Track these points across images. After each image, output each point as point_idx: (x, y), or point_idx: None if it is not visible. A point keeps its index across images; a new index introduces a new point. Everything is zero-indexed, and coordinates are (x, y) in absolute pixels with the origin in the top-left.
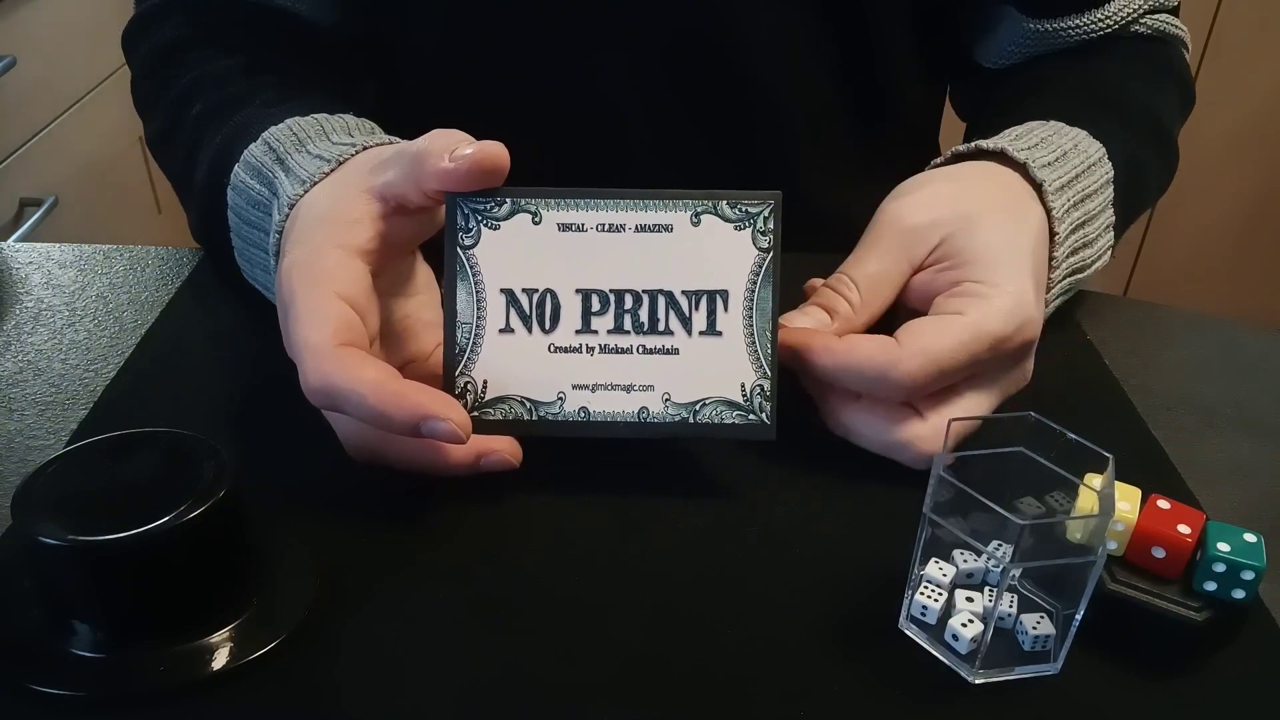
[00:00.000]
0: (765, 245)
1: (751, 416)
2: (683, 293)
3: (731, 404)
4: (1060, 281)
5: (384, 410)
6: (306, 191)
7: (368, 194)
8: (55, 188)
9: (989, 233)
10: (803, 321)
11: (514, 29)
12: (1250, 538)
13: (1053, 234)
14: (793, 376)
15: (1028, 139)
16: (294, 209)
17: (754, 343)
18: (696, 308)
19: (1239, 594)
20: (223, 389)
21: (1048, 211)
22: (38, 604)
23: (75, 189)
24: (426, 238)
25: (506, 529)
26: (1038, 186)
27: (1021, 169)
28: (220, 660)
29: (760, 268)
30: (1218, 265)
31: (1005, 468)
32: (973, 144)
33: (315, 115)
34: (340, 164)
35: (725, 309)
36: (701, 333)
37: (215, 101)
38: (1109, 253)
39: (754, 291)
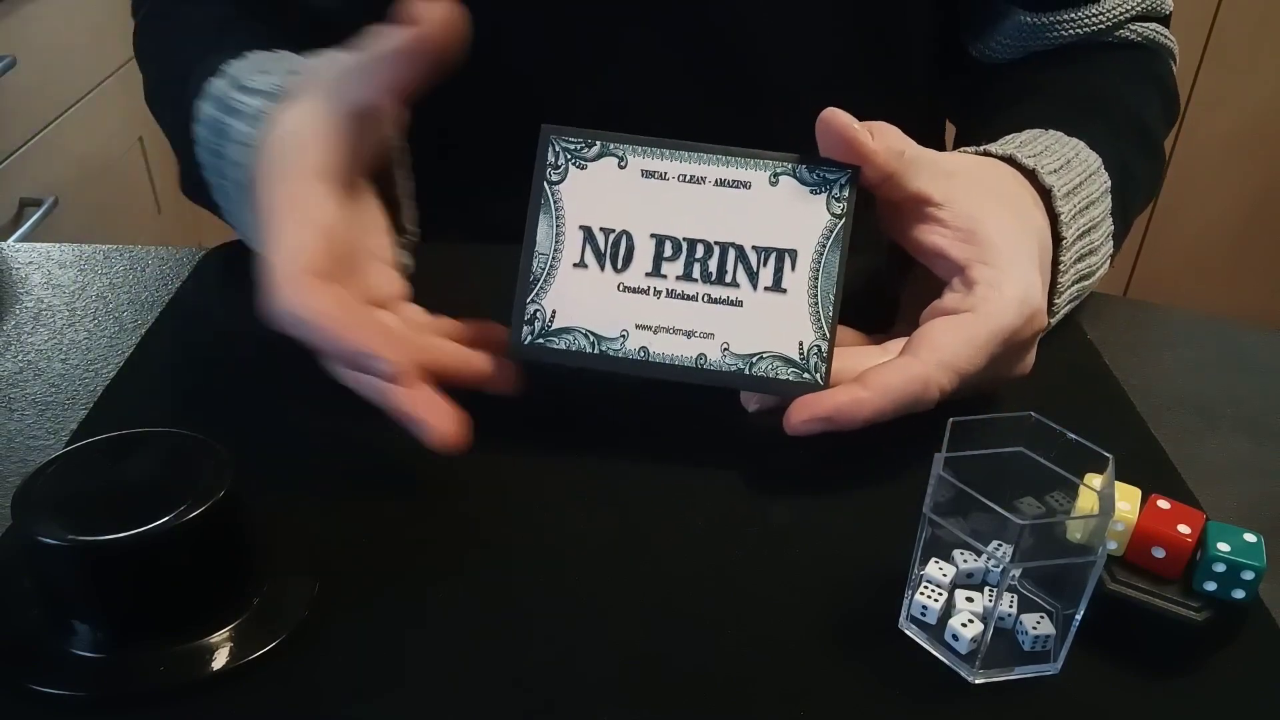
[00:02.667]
0: (839, 211)
1: (806, 375)
2: (753, 248)
3: (788, 360)
4: (1069, 288)
5: (327, 341)
6: (273, 102)
7: (331, 107)
8: (55, 188)
9: (999, 220)
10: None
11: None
12: (1250, 538)
13: (1060, 239)
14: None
15: (1033, 146)
16: (259, 133)
17: (816, 303)
18: (765, 264)
19: (1239, 594)
20: (223, 389)
21: (1055, 217)
22: (38, 604)
23: (75, 189)
24: (378, 153)
25: (507, 529)
26: (1045, 192)
27: (1030, 175)
28: (220, 660)
29: (831, 232)
30: (1218, 265)
31: (1005, 468)
32: (980, 148)
33: (277, 52)
34: (302, 73)
35: (793, 268)
36: (767, 288)
37: (198, 47)
38: (1109, 261)
39: (822, 254)
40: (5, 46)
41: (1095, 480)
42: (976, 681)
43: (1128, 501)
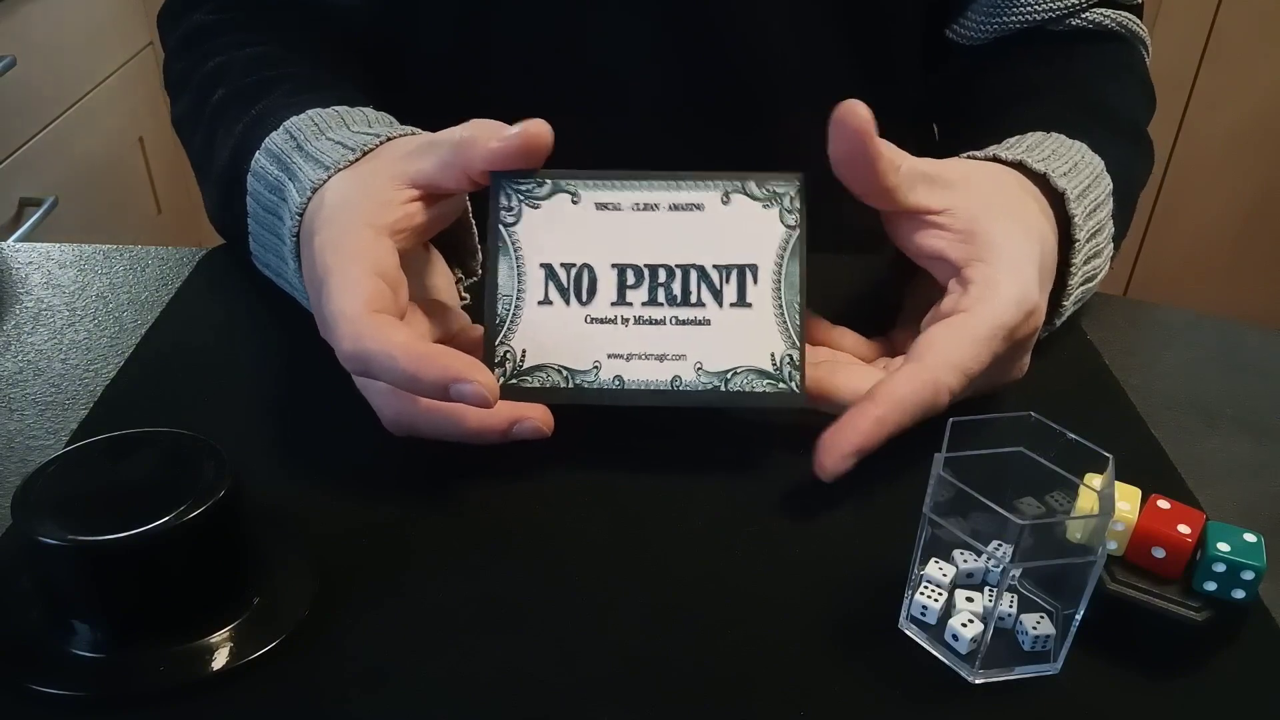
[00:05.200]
0: (792, 223)
1: (781, 385)
2: (714, 266)
3: (762, 373)
4: (1076, 290)
5: (414, 372)
6: (330, 177)
7: (397, 180)
8: (55, 188)
9: (1000, 222)
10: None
11: (524, 33)
12: (1250, 538)
13: (1074, 241)
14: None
15: (1040, 150)
16: (317, 193)
17: (783, 314)
18: (727, 280)
19: (1239, 594)
20: (223, 389)
21: (1069, 219)
22: (38, 604)
23: (75, 189)
24: (448, 221)
25: (507, 529)
26: (1058, 196)
27: (1041, 180)
28: (220, 660)
29: (788, 243)
30: (1218, 265)
31: (1005, 468)
32: (989, 153)
33: (336, 107)
34: (365, 153)
35: (755, 282)
36: (732, 304)
37: (238, 88)
38: (1110, 263)
39: (782, 266)
40: (5, 46)
41: (1095, 480)
42: (976, 681)
43: (1128, 501)
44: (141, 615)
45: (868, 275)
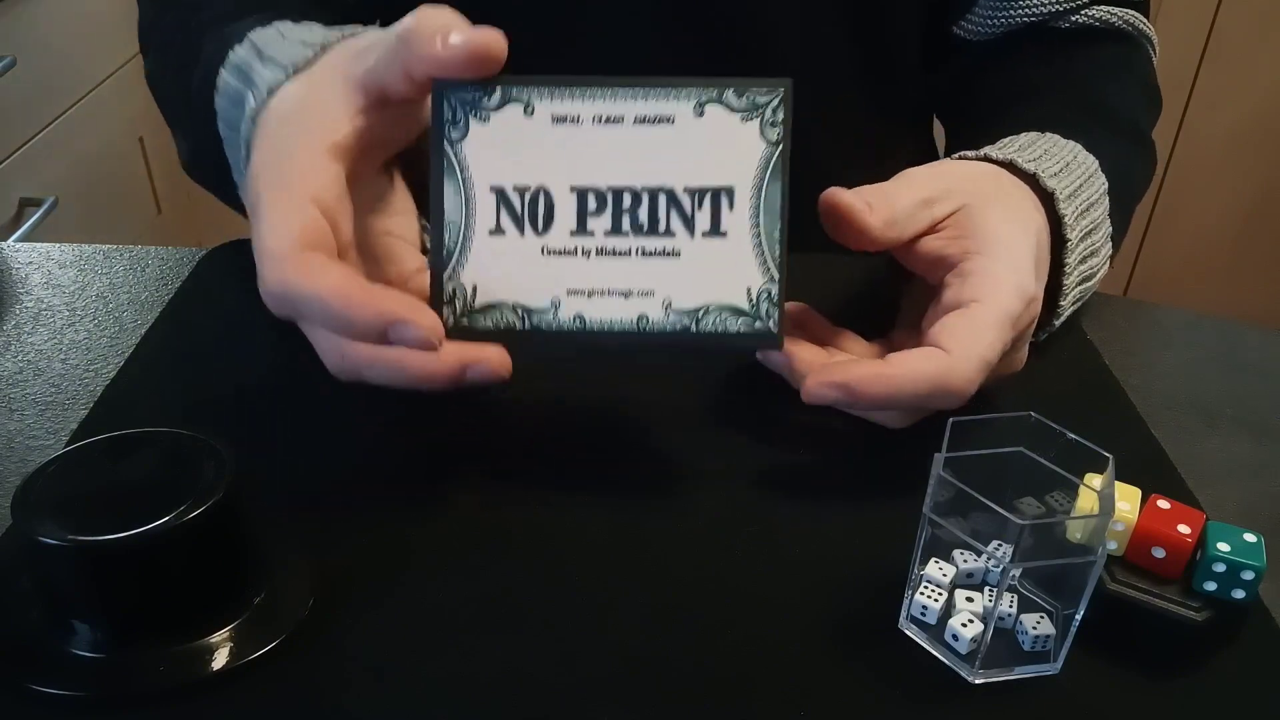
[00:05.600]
0: (775, 138)
1: (758, 324)
2: (685, 190)
3: (736, 310)
4: (1073, 289)
5: (347, 314)
6: (288, 78)
7: (346, 84)
8: (55, 188)
9: (998, 218)
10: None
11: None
12: (1250, 538)
13: (1065, 240)
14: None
15: (1031, 150)
16: (269, 101)
17: (760, 244)
18: (700, 206)
19: (1239, 594)
20: (223, 389)
21: (1059, 219)
22: (38, 604)
23: (75, 189)
24: (410, 139)
25: (506, 529)
26: (1048, 196)
27: (1031, 179)
28: (220, 660)
29: (769, 162)
30: (1218, 265)
31: (1005, 468)
32: (980, 153)
33: (307, 22)
34: (325, 49)
35: (730, 208)
36: (705, 234)
37: (216, 15)
38: (1109, 263)
39: (761, 188)
40: (5, 46)
41: (1095, 480)
42: (976, 681)
43: (1128, 501)
44: (141, 615)
45: (867, 275)
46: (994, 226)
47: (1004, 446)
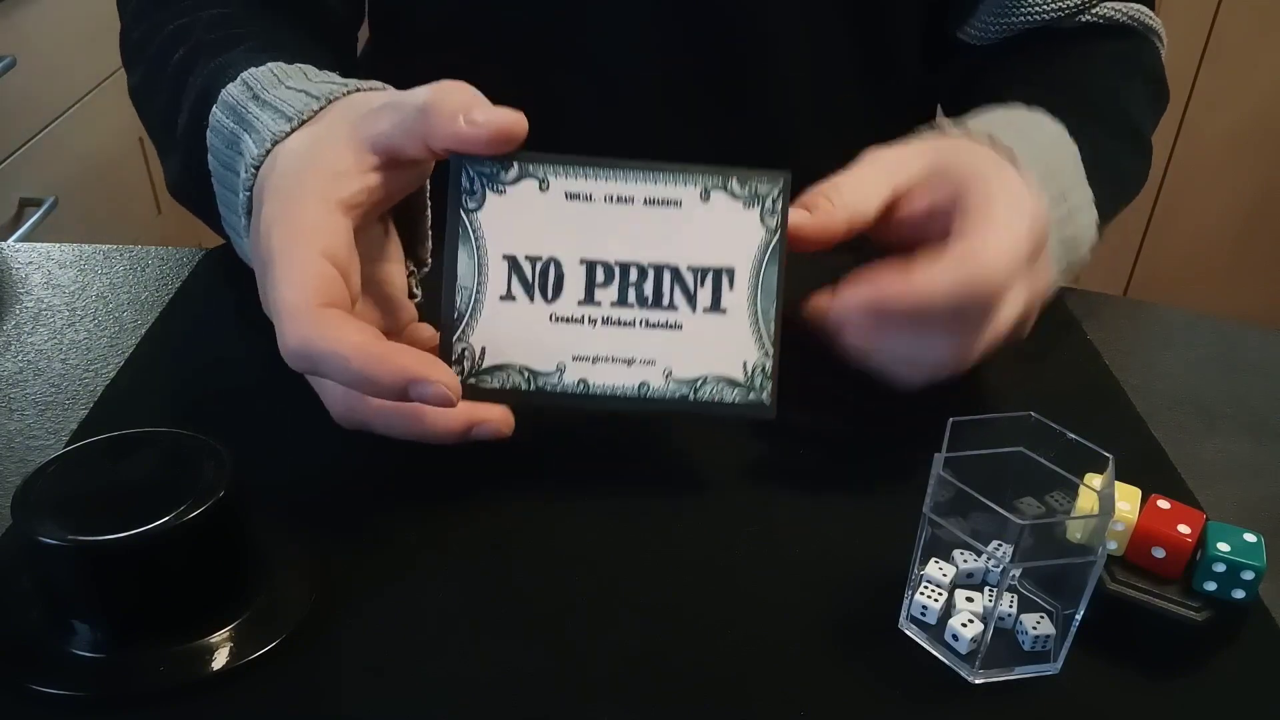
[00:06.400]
0: (773, 225)
1: (751, 395)
2: (689, 268)
3: (732, 382)
4: (1056, 249)
5: (368, 373)
6: (294, 130)
7: (356, 143)
8: (55, 188)
9: (972, 161)
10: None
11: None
12: (1250, 538)
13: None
14: (793, 358)
15: (987, 120)
16: (274, 151)
17: (757, 321)
18: (702, 284)
19: (1239, 594)
20: (223, 389)
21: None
22: (38, 604)
23: (75, 189)
24: (409, 193)
25: (507, 529)
26: (1009, 153)
27: (988, 140)
28: (220, 660)
29: (767, 247)
30: (1218, 265)
31: (1005, 468)
32: (936, 126)
33: (300, 64)
34: (330, 103)
35: (730, 286)
36: (706, 309)
37: (197, 47)
38: (1096, 229)
39: (760, 270)
40: (5, 46)
41: (1095, 480)
42: (976, 681)
43: (1128, 501)
44: (141, 615)
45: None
46: (973, 165)
47: (1004, 446)
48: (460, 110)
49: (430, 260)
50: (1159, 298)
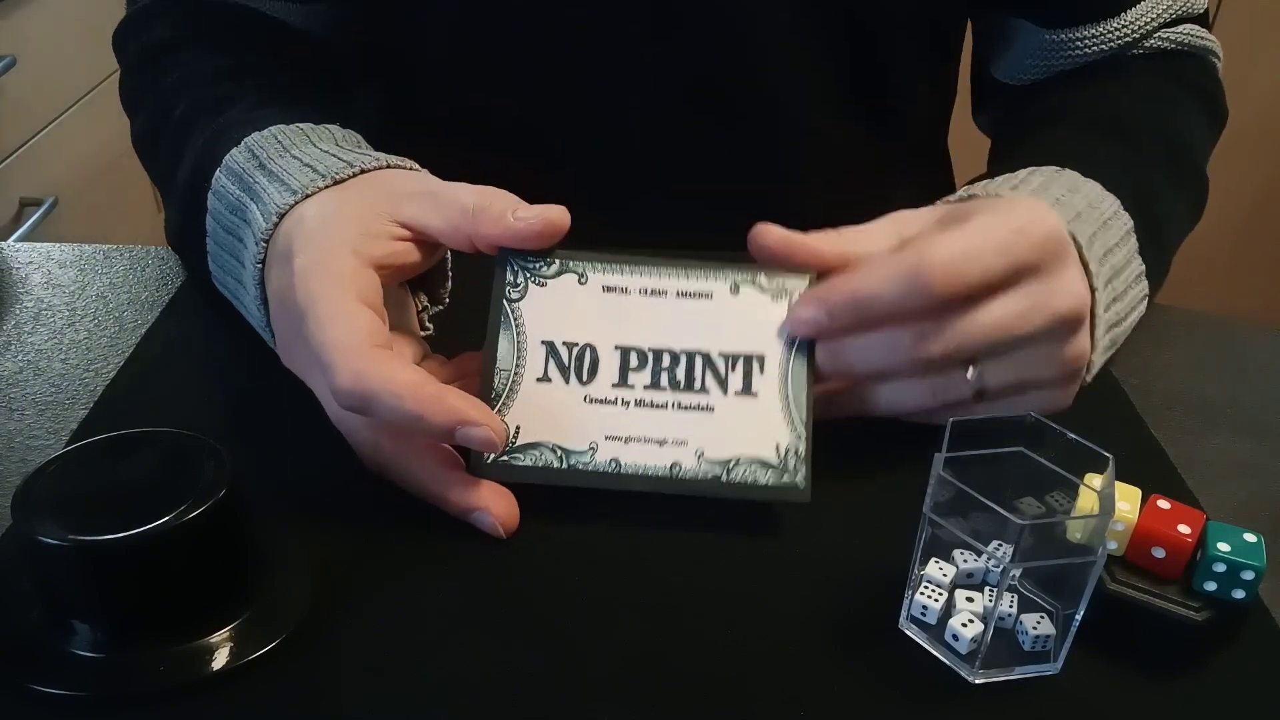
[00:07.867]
0: None
1: (785, 478)
2: (720, 354)
3: (765, 463)
4: (1104, 338)
5: (421, 412)
6: (297, 202)
7: (388, 216)
8: (55, 188)
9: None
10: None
11: (525, 47)
12: (1250, 538)
13: (1093, 290)
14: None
15: (1048, 195)
16: (288, 215)
17: (789, 406)
18: (733, 369)
19: (1239, 594)
20: (223, 389)
21: (1085, 266)
22: (38, 604)
23: (75, 189)
24: (424, 269)
25: None
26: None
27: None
28: (220, 660)
29: (795, 340)
30: (1218, 265)
31: (1005, 468)
32: (991, 191)
33: (300, 124)
34: (336, 181)
35: (761, 371)
36: (737, 393)
37: (200, 101)
38: (1144, 302)
39: (790, 358)
40: (5, 46)
41: (1095, 480)
42: (976, 681)
43: (1128, 501)
44: (141, 615)
45: None
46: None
47: (1004, 446)
48: (508, 210)
49: (447, 300)
50: (1159, 298)
